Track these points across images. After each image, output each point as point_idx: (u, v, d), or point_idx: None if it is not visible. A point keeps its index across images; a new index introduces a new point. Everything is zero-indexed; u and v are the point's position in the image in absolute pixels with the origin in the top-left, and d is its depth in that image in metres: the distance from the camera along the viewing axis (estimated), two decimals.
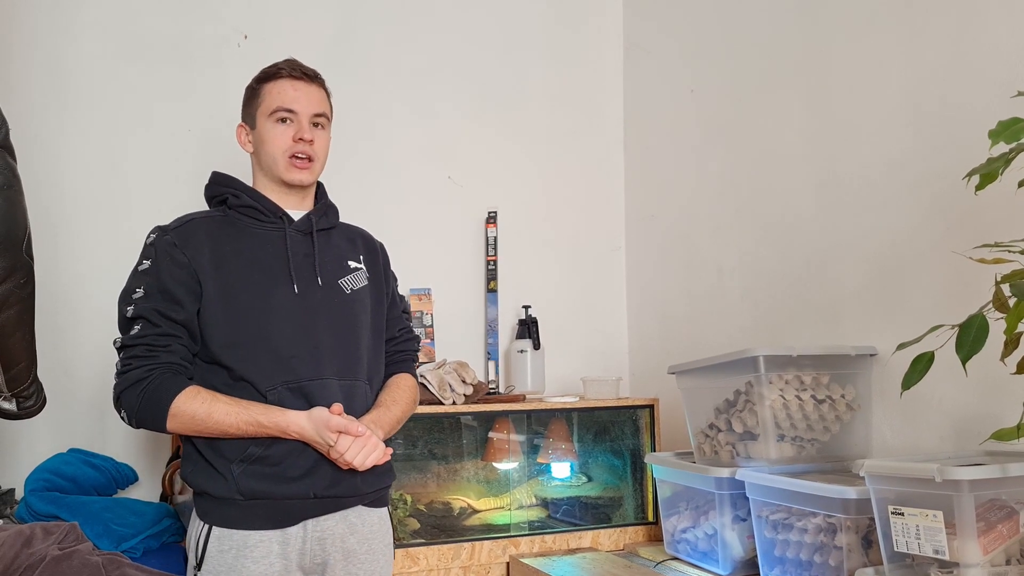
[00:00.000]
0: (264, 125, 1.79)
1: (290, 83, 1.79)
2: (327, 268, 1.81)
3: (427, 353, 2.90)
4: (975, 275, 1.82)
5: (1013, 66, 1.95)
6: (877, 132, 2.30)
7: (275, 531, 1.68)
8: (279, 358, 1.69)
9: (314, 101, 1.81)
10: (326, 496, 1.71)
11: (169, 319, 1.67)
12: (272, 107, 1.78)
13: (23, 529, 1.94)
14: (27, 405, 1.42)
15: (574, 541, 2.68)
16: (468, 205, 3.12)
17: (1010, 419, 1.59)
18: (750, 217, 2.74)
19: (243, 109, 1.87)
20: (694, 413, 2.43)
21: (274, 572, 1.67)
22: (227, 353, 1.68)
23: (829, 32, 2.46)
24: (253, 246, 1.76)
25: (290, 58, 1.85)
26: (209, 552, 1.67)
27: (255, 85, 1.84)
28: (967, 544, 1.60)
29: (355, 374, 1.78)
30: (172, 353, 1.66)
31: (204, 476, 1.68)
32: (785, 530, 2.07)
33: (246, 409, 1.63)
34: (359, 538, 1.76)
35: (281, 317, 1.71)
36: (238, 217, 1.79)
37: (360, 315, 1.83)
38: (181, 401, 1.62)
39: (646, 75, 3.30)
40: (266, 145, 1.78)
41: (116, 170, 2.67)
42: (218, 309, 1.69)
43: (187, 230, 1.75)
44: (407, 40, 3.08)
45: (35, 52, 2.60)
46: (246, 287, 1.72)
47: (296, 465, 1.68)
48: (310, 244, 1.81)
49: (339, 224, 1.93)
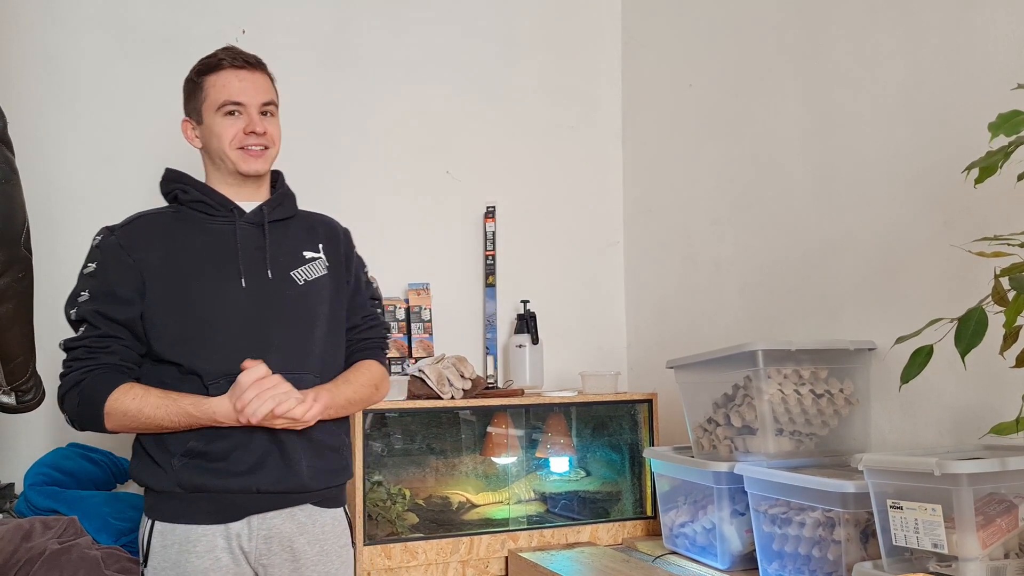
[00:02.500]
0: (212, 120, 1.74)
1: (234, 74, 1.74)
2: (279, 260, 1.76)
3: (426, 348, 2.90)
4: (974, 269, 1.83)
5: (1012, 59, 1.95)
6: (875, 125, 2.30)
7: (218, 526, 1.64)
8: (225, 352, 1.65)
9: (261, 90, 1.77)
10: (271, 492, 1.66)
11: (111, 320, 1.64)
12: (219, 101, 1.73)
13: (22, 523, 1.95)
14: (26, 399, 1.41)
15: (572, 535, 2.68)
16: (466, 200, 3.11)
17: (1009, 413, 1.58)
18: (748, 211, 2.74)
19: (185, 104, 1.81)
20: (692, 407, 2.43)
21: (222, 566, 1.63)
22: (175, 349, 1.65)
23: (827, 26, 2.46)
24: (204, 241, 1.73)
25: (229, 46, 1.80)
26: (153, 548, 1.64)
27: (196, 79, 1.78)
28: (966, 538, 1.60)
29: (304, 367, 1.72)
30: (112, 354, 1.64)
31: (146, 470, 1.66)
32: (784, 524, 2.07)
33: (175, 402, 1.60)
34: (309, 539, 1.71)
35: (228, 311, 1.68)
36: (189, 213, 1.76)
37: (315, 306, 1.77)
38: (113, 399, 1.59)
39: (644, 70, 3.29)
40: (216, 140, 1.74)
41: (114, 164, 2.67)
42: (165, 307, 1.66)
43: (134, 229, 1.72)
44: (405, 34, 3.08)
45: (33, 46, 2.60)
46: (194, 282, 1.68)
47: (241, 460, 1.64)
48: (262, 236, 1.76)
49: (298, 213, 1.88)
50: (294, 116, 2.92)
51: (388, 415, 2.56)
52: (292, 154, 2.89)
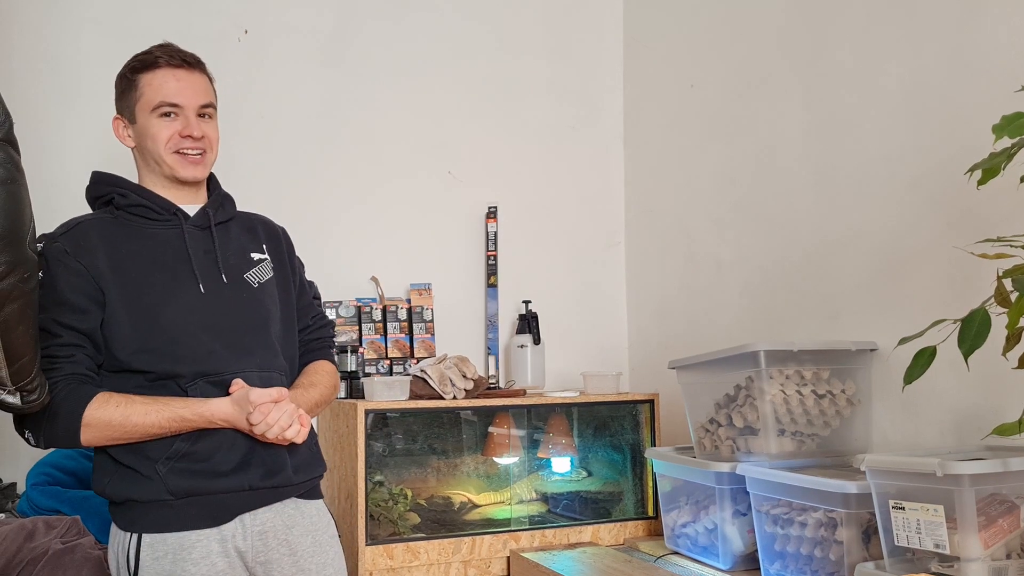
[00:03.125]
0: (146, 121, 1.67)
1: (171, 73, 1.66)
2: (230, 264, 1.71)
3: (427, 348, 2.90)
4: (977, 270, 1.83)
5: (1015, 60, 1.95)
6: (878, 127, 2.31)
7: (211, 529, 1.59)
8: (196, 357, 1.61)
9: (199, 91, 1.69)
10: (261, 487, 1.63)
11: (71, 328, 1.57)
12: (154, 102, 1.65)
13: (25, 523, 1.95)
14: (31, 399, 1.41)
15: (574, 536, 2.68)
16: (468, 200, 3.12)
17: (1011, 414, 1.59)
18: (750, 212, 2.74)
19: (117, 101, 1.73)
20: (694, 408, 2.44)
21: (218, 572, 1.58)
22: (140, 359, 1.59)
23: (829, 27, 2.46)
24: (151, 247, 1.66)
25: (166, 42, 1.71)
26: (143, 562, 1.56)
27: (130, 76, 1.69)
28: (968, 538, 1.61)
29: (273, 366, 1.70)
30: (76, 363, 1.56)
31: (126, 483, 1.58)
32: (785, 524, 2.07)
33: (166, 405, 1.54)
34: (301, 531, 1.69)
35: (192, 319, 1.63)
36: (129, 218, 1.68)
37: (270, 308, 1.74)
38: (93, 409, 1.52)
39: (646, 70, 3.30)
40: (150, 142, 1.67)
41: (115, 163, 2.66)
42: (123, 315, 1.59)
43: (77, 234, 1.64)
44: (407, 35, 3.08)
45: (36, 47, 2.60)
46: (149, 290, 1.62)
47: (227, 459, 1.60)
48: (210, 240, 1.71)
49: (236, 214, 1.82)
50: (296, 116, 2.93)
51: (390, 415, 2.57)
52: (293, 154, 2.91)
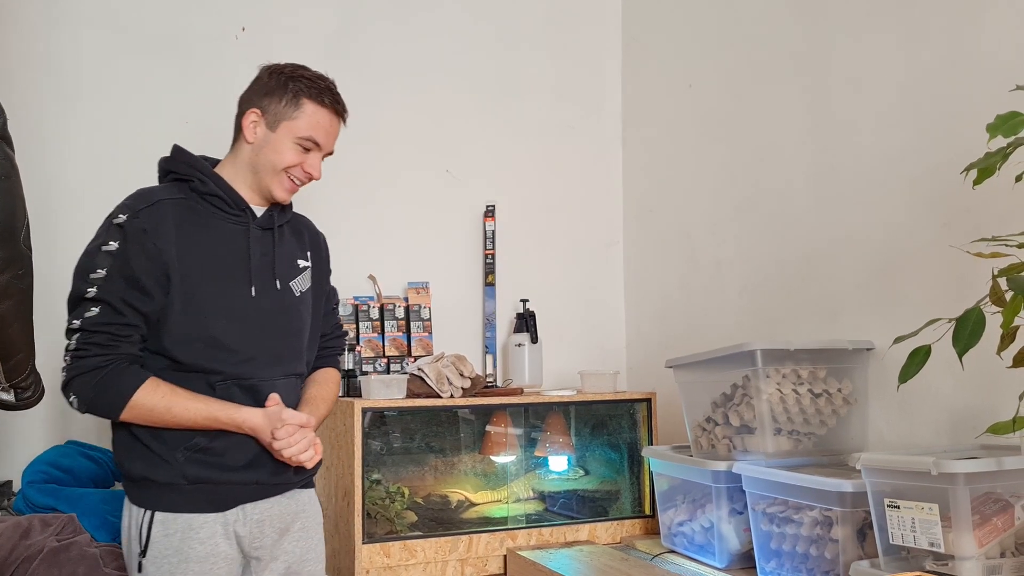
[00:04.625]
0: (284, 139, 1.76)
1: (329, 118, 1.79)
2: (282, 269, 1.82)
3: (425, 346, 2.90)
4: (972, 269, 1.83)
5: (1011, 60, 1.95)
6: (875, 126, 2.31)
7: (216, 514, 1.73)
8: (232, 359, 1.72)
9: (335, 138, 1.85)
10: (267, 483, 1.79)
11: (134, 309, 1.64)
12: (303, 133, 1.76)
13: (21, 521, 1.95)
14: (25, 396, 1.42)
15: (571, 534, 2.68)
16: (466, 199, 3.12)
17: (1006, 413, 1.59)
18: (748, 212, 2.74)
19: (264, 99, 1.78)
20: (691, 407, 2.44)
21: (220, 552, 1.72)
22: (179, 348, 1.68)
23: (827, 27, 2.46)
24: (214, 239, 1.74)
25: (331, 84, 1.84)
26: (154, 537, 1.69)
27: (293, 91, 1.77)
28: (962, 537, 1.61)
29: (294, 371, 1.86)
30: (133, 344, 1.66)
31: (146, 463, 1.69)
32: (781, 523, 2.07)
33: (206, 405, 1.66)
34: (292, 515, 1.84)
35: (236, 319, 1.73)
36: (201, 204, 1.75)
37: (305, 318, 1.87)
38: (142, 394, 1.62)
39: (645, 70, 3.30)
40: (275, 156, 1.76)
41: (113, 161, 2.67)
42: (177, 305, 1.68)
43: (157, 214, 1.69)
44: (406, 33, 3.08)
45: (32, 44, 2.60)
46: (205, 284, 1.70)
47: (238, 457, 1.73)
48: (269, 242, 1.81)
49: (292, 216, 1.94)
50: None
51: (387, 414, 2.57)
52: None
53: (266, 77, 1.80)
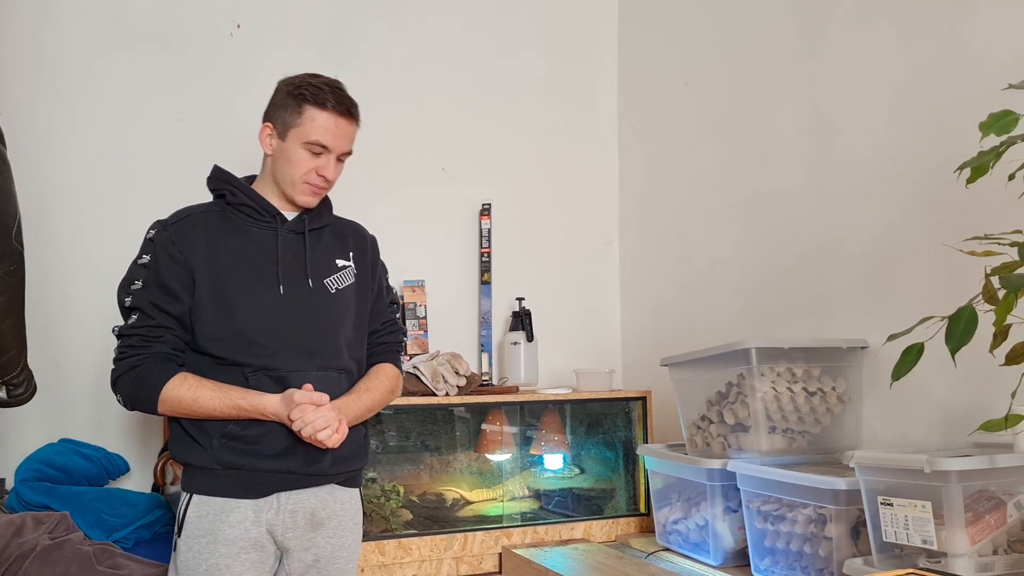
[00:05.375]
0: (293, 147, 1.82)
1: (334, 120, 1.83)
2: (315, 269, 1.87)
3: (420, 345, 2.90)
4: (966, 268, 1.82)
5: (1004, 60, 1.95)
6: (869, 125, 2.31)
7: (250, 500, 1.77)
8: (263, 352, 1.78)
9: (347, 140, 1.87)
10: (299, 472, 1.80)
11: (163, 311, 1.77)
12: (309, 138, 1.81)
13: (14, 519, 1.95)
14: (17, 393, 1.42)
15: (566, 532, 2.68)
16: (462, 197, 3.12)
17: (998, 410, 1.59)
18: (743, 210, 2.75)
19: (275, 111, 1.85)
20: (686, 405, 2.44)
21: (250, 537, 1.76)
22: (215, 345, 1.78)
23: (822, 26, 2.46)
24: (246, 244, 1.83)
25: (337, 84, 1.86)
26: (188, 518, 1.77)
27: (296, 100, 1.82)
28: (955, 534, 1.61)
29: (334, 366, 1.85)
30: (164, 343, 1.77)
31: (187, 448, 1.79)
32: (776, 521, 2.08)
33: (227, 394, 1.74)
34: (328, 512, 1.84)
35: (265, 316, 1.79)
36: (234, 214, 1.85)
37: (344, 313, 1.89)
38: (170, 388, 1.74)
39: (641, 68, 3.30)
40: (288, 165, 1.83)
41: (107, 158, 2.67)
42: (207, 304, 1.78)
43: (185, 226, 1.82)
44: (401, 30, 3.08)
45: (26, 39, 2.59)
46: (234, 284, 1.79)
47: (271, 446, 1.77)
48: (301, 245, 1.87)
49: (332, 220, 1.97)
50: None
51: (383, 412, 2.55)
52: None
53: (278, 90, 1.88)
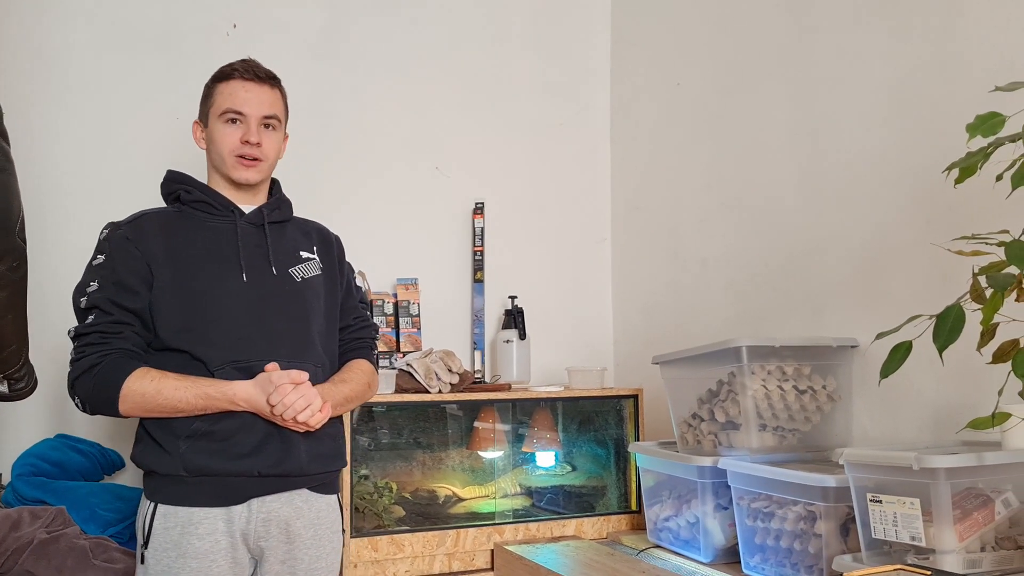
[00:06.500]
0: (214, 125, 1.83)
1: (241, 84, 1.82)
2: (278, 258, 1.85)
3: (413, 342, 2.91)
4: (954, 267, 1.86)
5: (991, 62, 1.98)
6: (860, 126, 2.33)
7: (220, 509, 1.70)
8: (229, 340, 1.73)
9: (265, 103, 1.83)
10: (271, 475, 1.72)
11: (122, 307, 1.71)
12: (222, 108, 1.81)
13: (10, 513, 1.95)
14: (18, 387, 1.43)
15: (558, 529, 2.70)
16: (455, 196, 3.13)
17: (986, 408, 1.61)
18: (734, 210, 2.77)
19: (200, 107, 1.89)
20: (677, 403, 2.46)
21: (221, 549, 1.68)
22: (179, 338, 1.72)
23: (814, 27, 2.49)
24: (206, 237, 1.81)
25: (247, 58, 1.88)
26: (155, 530, 1.69)
27: (210, 84, 1.87)
28: (943, 531, 1.63)
29: (304, 357, 1.80)
30: (124, 339, 1.70)
31: (151, 455, 1.71)
32: (766, 518, 2.09)
33: (194, 383, 1.67)
34: (305, 522, 1.78)
35: (231, 303, 1.76)
36: (192, 212, 1.83)
37: (312, 301, 1.86)
38: (131, 382, 1.65)
39: (633, 68, 3.31)
40: (215, 144, 1.83)
41: (106, 157, 2.67)
42: (170, 296, 1.73)
43: (139, 224, 1.79)
44: (395, 30, 3.09)
45: (26, 39, 2.59)
46: (198, 275, 1.76)
47: (244, 442, 1.70)
48: (262, 235, 1.85)
49: (293, 218, 1.97)
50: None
51: (376, 409, 2.58)
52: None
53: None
